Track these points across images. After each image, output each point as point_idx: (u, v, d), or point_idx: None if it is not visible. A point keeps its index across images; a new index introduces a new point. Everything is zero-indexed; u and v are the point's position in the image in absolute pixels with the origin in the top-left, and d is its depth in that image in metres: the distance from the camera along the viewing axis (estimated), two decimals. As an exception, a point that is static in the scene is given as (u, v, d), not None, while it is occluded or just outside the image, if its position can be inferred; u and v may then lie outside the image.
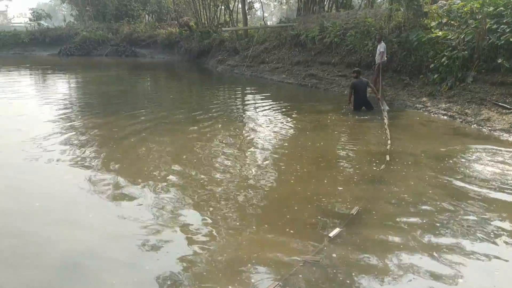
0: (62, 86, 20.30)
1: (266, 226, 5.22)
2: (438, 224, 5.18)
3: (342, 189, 6.43)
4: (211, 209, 5.68)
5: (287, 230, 5.06)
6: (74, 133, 9.82)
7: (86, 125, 10.72)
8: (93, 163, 7.57)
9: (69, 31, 44.09)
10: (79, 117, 11.96)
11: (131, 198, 6.03)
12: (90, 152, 8.29)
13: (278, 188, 6.57)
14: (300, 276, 4.13)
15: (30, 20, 48.78)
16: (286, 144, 9.27)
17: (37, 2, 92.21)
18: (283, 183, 6.77)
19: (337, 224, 5.14)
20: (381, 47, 14.81)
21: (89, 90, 19.53)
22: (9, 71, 26.14)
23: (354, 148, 8.83)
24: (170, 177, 6.91)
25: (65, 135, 9.51)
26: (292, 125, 10.87)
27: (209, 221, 5.33)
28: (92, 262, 4.42)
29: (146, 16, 49.26)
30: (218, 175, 7.02)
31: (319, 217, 5.40)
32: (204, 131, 10.09)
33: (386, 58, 14.85)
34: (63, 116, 11.83)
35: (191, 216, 5.47)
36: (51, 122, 10.79)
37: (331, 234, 4.86)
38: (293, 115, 12.11)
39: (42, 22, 49.02)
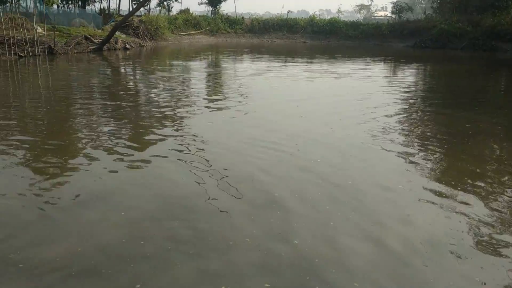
0: (410, 76, 20.49)
1: None
2: None
3: None
4: None
5: None
6: (411, 121, 9.70)
7: (427, 115, 10.41)
8: (423, 158, 7.24)
9: (427, 24, 44.04)
10: (421, 106, 11.74)
11: (452, 200, 5.40)
12: (427, 143, 7.99)
13: None
14: None
15: (393, 13, 51.41)
16: None
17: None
18: None
19: None
20: None
21: (437, 82, 19.00)
22: (364, 60, 28.36)
23: None
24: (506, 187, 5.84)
25: (402, 123, 9.51)
26: None
27: None
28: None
29: (516, 7, 43.92)
30: None
31: None
32: None
33: None
34: (404, 103, 11.87)
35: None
36: (394, 107, 10.99)
37: None
38: None
39: (402, 15, 50.89)
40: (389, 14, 53.05)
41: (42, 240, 4.30)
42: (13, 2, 31.08)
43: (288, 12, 63.44)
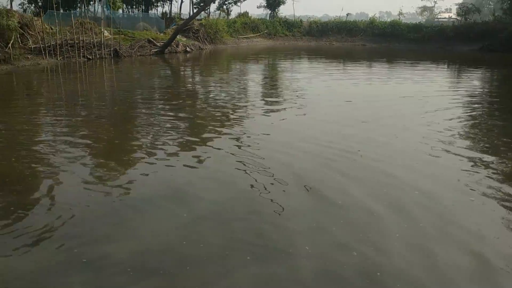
0: (476, 80, 19.41)
1: None
2: None
3: None
4: None
5: None
6: (478, 128, 9.26)
7: (494, 123, 9.89)
8: (496, 166, 6.83)
9: (496, 26, 41.65)
10: (488, 113, 11.14)
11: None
12: (496, 151, 7.58)
13: None
14: None
15: (459, 14, 49.17)
16: None
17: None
18: None
19: None
20: None
21: (505, 88, 17.87)
22: (426, 64, 27.21)
23: None
24: None
25: (467, 130, 9.10)
26: None
27: None
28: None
29: None
30: None
31: None
32: None
33: None
34: (469, 109, 11.29)
35: None
36: (457, 112, 10.49)
37: None
38: None
39: (468, 16, 48.58)
40: (453, 16, 50.71)
41: (107, 237, 4.43)
42: (83, 7, 32.78)
43: (347, 15, 62.43)
